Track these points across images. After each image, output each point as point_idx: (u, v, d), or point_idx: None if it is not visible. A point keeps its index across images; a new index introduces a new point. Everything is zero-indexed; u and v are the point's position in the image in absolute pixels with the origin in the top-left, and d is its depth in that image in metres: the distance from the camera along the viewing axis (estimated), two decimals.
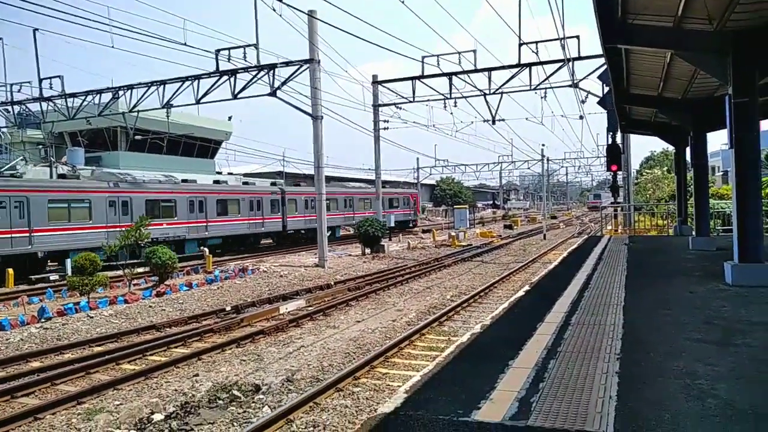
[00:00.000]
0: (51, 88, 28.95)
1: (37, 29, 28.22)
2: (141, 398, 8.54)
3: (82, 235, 23.33)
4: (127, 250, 18.36)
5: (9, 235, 20.66)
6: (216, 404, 8.07)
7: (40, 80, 28.86)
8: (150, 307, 15.75)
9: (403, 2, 15.99)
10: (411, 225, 51.75)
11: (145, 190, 26.87)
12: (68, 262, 20.39)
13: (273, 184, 37.78)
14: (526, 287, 13.26)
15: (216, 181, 34.72)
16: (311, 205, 35.17)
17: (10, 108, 31.12)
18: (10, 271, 20.33)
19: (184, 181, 30.68)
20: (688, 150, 19.95)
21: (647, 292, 10.35)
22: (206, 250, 26.09)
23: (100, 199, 24.28)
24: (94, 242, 23.11)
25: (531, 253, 29.16)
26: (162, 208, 27.16)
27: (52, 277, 22.24)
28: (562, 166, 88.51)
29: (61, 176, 26.44)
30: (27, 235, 21.29)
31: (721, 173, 51.04)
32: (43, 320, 13.92)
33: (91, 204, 23.94)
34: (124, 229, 20.00)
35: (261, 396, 8.36)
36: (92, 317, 14.39)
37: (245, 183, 38.22)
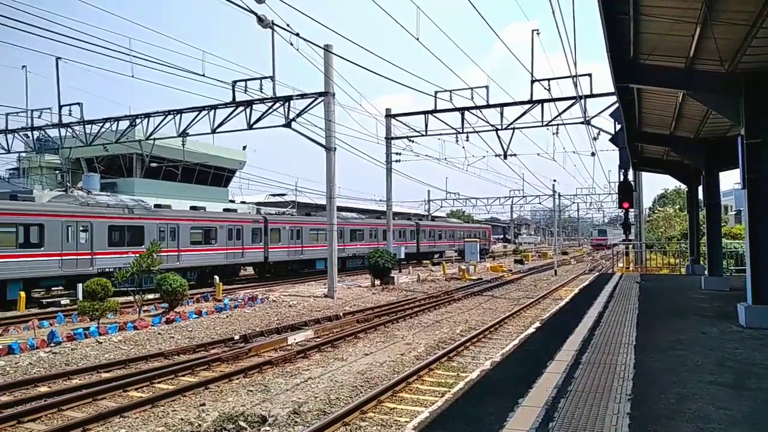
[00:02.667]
0: (70, 114, 29.54)
1: (59, 58, 28.87)
2: (147, 426, 8.51)
3: (321, 250, 34.18)
4: (138, 276, 18.56)
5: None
6: None
7: (60, 107, 29.48)
8: (159, 333, 15.77)
9: (417, 39, 16.30)
10: (485, 253, 65.28)
11: (350, 223, 41.96)
12: (79, 287, 20.53)
13: (378, 216, 51.19)
14: (537, 324, 13.16)
15: (377, 217, 50.48)
16: (433, 234, 55.50)
17: (29, 133, 31.70)
18: (22, 294, 20.49)
19: (368, 218, 47.67)
20: (700, 189, 19.91)
21: (659, 331, 10.24)
22: (216, 278, 26.27)
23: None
24: (324, 255, 32.93)
25: (542, 288, 28.95)
26: (357, 235, 42.60)
27: (63, 302, 22.37)
28: (574, 202, 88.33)
29: (307, 214, 41.06)
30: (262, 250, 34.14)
31: (734, 212, 50.72)
32: (52, 344, 13.96)
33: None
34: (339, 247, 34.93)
35: (267, 428, 8.29)
36: (101, 343, 14.43)
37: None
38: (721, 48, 9.01)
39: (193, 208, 31.30)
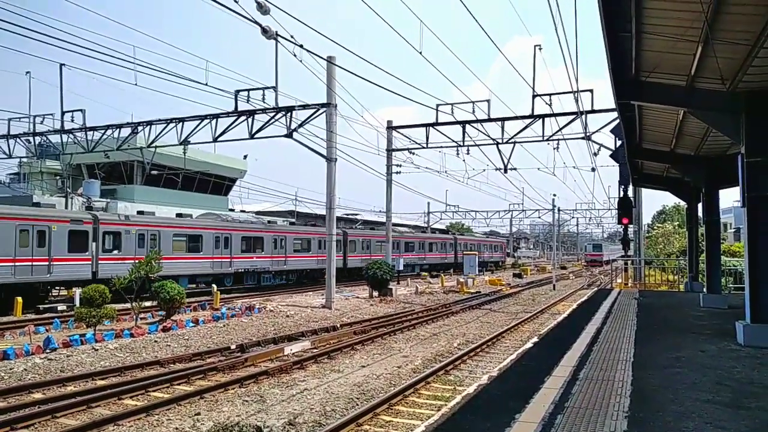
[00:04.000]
0: (72, 121, 29.60)
1: (63, 64, 28.98)
2: None
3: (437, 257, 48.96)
4: (136, 284, 18.46)
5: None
6: None
7: (63, 113, 29.53)
8: (155, 341, 15.70)
9: (420, 53, 16.38)
10: (501, 263, 74.97)
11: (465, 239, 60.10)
12: (77, 292, 20.49)
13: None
14: (535, 338, 13.13)
15: (433, 231, 65.86)
16: (467, 246, 61.32)
17: (31, 139, 31.75)
18: (19, 299, 20.43)
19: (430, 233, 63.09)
20: (700, 206, 19.93)
21: (657, 348, 10.20)
22: (214, 286, 26.28)
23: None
24: (436, 261, 54.75)
25: (540, 303, 28.89)
26: (470, 247, 58.10)
27: (60, 308, 22.29)
28: (573, 217, 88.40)
29: (372, 228, 49.30)
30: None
31: (734, 230, 50.76)
32: (48, 351, 13.89)
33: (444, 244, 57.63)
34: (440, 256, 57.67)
35: None
36: (97, 350, 14.36)
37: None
38: (722, 67, 9.05)
39: (291, 223, 39.18)
